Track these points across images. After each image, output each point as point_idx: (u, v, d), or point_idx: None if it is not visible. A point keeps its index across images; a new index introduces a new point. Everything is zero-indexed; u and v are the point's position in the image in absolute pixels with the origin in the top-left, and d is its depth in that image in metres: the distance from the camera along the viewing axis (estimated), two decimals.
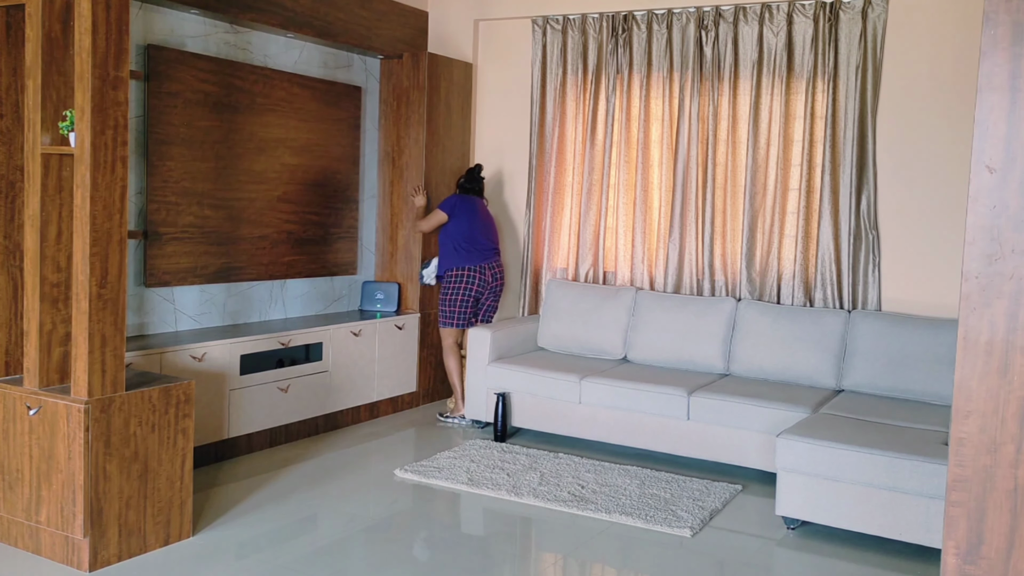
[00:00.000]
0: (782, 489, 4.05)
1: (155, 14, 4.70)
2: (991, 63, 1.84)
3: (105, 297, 3.42)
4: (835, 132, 5.26)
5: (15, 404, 3.55)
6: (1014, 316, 1.84)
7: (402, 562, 3.66)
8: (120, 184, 3.44)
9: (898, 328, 4.87)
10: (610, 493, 4.45)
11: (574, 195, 6.10)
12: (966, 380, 1.89)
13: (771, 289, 5.47)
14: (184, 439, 3.72)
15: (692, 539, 3.99)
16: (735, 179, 5.59)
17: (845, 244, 5.24)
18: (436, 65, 6.06)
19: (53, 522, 3.46)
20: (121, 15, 3.39)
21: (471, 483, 4.54)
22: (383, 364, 5.75)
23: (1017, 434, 1.85)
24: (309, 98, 5.60)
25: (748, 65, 5.50)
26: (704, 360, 5.33)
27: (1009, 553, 1.86)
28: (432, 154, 6.08)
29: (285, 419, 5.10)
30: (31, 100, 3.52)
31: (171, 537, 3.70)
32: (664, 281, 5.77)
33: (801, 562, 3.85)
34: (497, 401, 5.34)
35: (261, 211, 5.31)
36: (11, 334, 4.11)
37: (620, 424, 5.06)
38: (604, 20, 5.92)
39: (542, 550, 4.02)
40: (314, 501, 4.30)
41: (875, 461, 3.82)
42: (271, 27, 5.19)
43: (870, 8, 5.17)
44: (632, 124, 5.88)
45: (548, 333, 5.82)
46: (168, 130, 4.74)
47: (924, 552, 3.89)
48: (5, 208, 4.10)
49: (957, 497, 1.90)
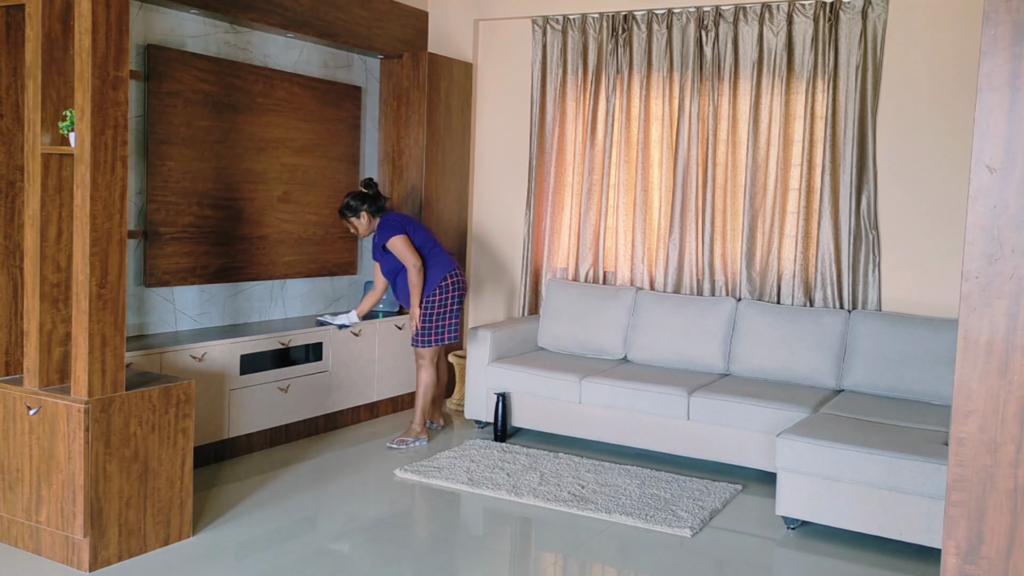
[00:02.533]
0: (782, 489, 4.05)
1: (155, 14, 4.70)
2: (991, 63, 1.84)
3: (105, 297, 3.42)
4: (835, 132, 5.26)
5: (15, 404, 3.55)
6: (1014, 316, 1.84)
7: (402, 562, 3.66)
8: (120, 184, 3.44)
9: (898, 328, 4.87)
10: (610, 493, 4.45)
11: (574, 195, 6.10)
12: (966, 380, 1.89)
13: (771, 289, 5.47)
14: (184, 439, 3.72)
15: (692, 539, 3.99)
16: (735, 179, 5.59)
17: (845, 244, 5.24)
18: (436, 65, 6.06)
19: (53, 522, 3.46)
20: (121, 15, 3.39)
21: (471, 483, 4.54)
22: (383, 364, 5.75)
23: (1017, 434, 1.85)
24: (309, 98, 5.60)
25: (748, 65, 5.50)
26: (704, 360, 5.33)
27: (1009, 553, 1.86)
28: (432, 154, 6.08)
29: (285, 419, 5.10)
30: (31, 100, 3.52)
31: (171, 537, 3.70)
32: (664, 281, 5.76)
33: (801, 562, 3.85)
34: (497, 401, 5.34)
35: (261, 211, 5.31)
36: (11, 334, 4.11)
37: (620, 424, 5.06)
38: (604, 20, 5.92)
39: (542, 550, 4.02)
40: (314, 501, 4.30)
41: (875, 461, 3.82)
42: (271, 27, 5.19)
43: (870, 8, 5.17)
44: (632, 124, 5.88)
45: (548, 333, 5.82)
46: (168, 130, 4.74)
47: (924, 552, 3.89)
48: (5, 208, 4.10)
49: (957, 497, 1.90)
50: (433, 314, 5.19)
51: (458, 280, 5.27)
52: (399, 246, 5.08)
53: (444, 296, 5.20)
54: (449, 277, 5.21)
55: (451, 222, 6.30)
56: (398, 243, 5.08)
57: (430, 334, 5.21)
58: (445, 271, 5.21)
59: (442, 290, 5.19)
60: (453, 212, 6.31)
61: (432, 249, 5.24)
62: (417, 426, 5.26)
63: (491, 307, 6.48)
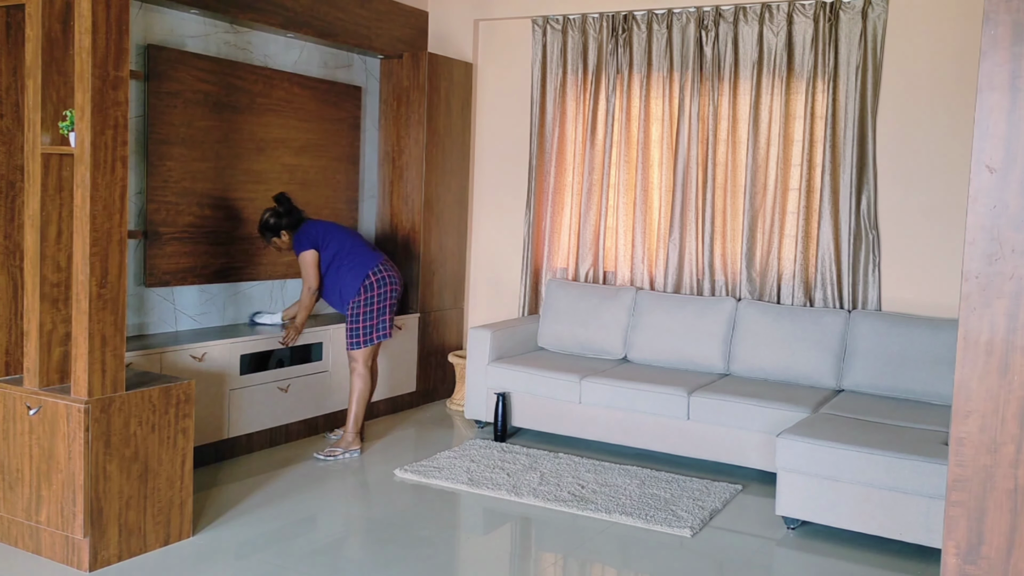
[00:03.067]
0: (782, 489, 4.05)
1: (155, 14, 4.70)
2: (991, 63, 1.84)
3: (105, 297, 3.42)
4: (835, 132, 5.26)
5: (15, 404, 3.55)
6: (1014, 316, 1.84)
7: (402, 562, 3.66)
8: (120, 184, 3.44)
9: (898, 328, 4.87)
10: (610, 493, 4.45)
11: (574, 195, 6.10)
12: (966, 380, 1.89)
13: (771, 289, 5.47)
14: (184, 439, 3.72)
15: (692, 539, 3.99)
16: (735, 179, 5.59)
17: (845, 244, 5.24)
18: (436, 65, 6.06)
19: (53, 522, 3.46)
20: (121, 15, 3.39)
21: (471, 483, 4.54)
22: (383, 364, 5.74)
23: (1017, 434, 1.85)
24: (309, 98, 5.60)
25: (748, 65, 5.50)
26: (704, 360, 5.33)
27: (1009, 553, 1.86)
28: (432, 154, 6.08)
29: (285, 419, 5.10)
30: (31, 100, 3.52)
31: (171, 537, 3.70)
32: (664, 281, 5.77)
33: (801, 562, 3.85)
34: (497, 401, 5.34)
35: (261, 211, 5.31)
36: (11, 334, 4.11)
37: (620, 424, 5.06)
38: (604, 20, 5.92)
39: (542, 550, 4.02)
40: (314, 501, 4.30)
41: (875, 461, 3.82)
42: (271, 27, 5.19)
43: (870, 8, 5.17)
44: (632, 124, 5.88)
45: (548, 333, 5.82)
46: (168, 130, 4.74)
47: (924, 552, 3.89)
48: (5, 208, 4.10)
49: (957, 497, 1.90)
50: (361, 313, 4.95)
51: (384, 276, 4.99)
52: (305, 262, 4.94)
53: (370, 294, 4.95)
54: (372, 275, 4.95)
55: (451, 222, 6.30)
56: (307, 258, 4.93)
57: (359, 335, 4.96)
58: (367, 269, 4.96)
59: (366, 288, 4.95)
60: (453, 212, 6.31)
61: (352, 250, 4.99)
62: (350, 436, 4.99)
63: (491, 307, 6.48)
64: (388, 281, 5.02)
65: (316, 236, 4.97)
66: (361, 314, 4.95)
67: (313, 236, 4.96)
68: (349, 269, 4.97)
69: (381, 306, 4.99)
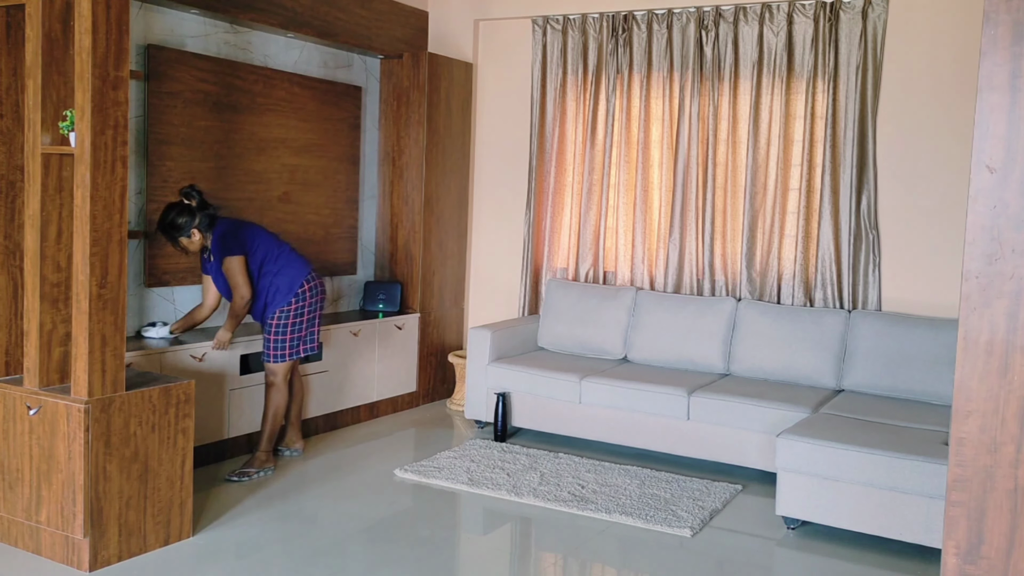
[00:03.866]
0: (782, 489, 4.05)
1: (155, 14, 4.70)
2: (991, 63, 1.84)
3: (105, 297, 3.42)
4: (835, 132, 5.26)
5: (15, 404, 3.55)
6: (1014, 316, 1.84)
7: (402, 562, 3.66)
8: (120, 184, 3.44)
9: (898, 328, 4.87)
10: (610, 493, 4.45)
11: (574, 195, 6.10)
12: (966, 380, 1.89)
13: (771, 289, 5.47)
14: (184, 439, 3.72)
15: (692, 539, 3.99)
16: (735, 179, 5.59)
17: (845, 244, 5.24)
18: (436, 65, 6.06)
19: (53, 522, 3.46)
20: (121, 15, 3.39)
21: (471, 483, 4.54)
22: (383, 364, 5.75)
23: (1017, 434, 1.85)
24: (309, 98, 5.60)
25: (748, 65, 5.50)
26: (704, 360, 5.33)
27: (1009, 553, 1.86)
28: (432, 154, 6.08)
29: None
30: (31, 100, 3.52)
31: (171, 537, 3.70)
32: (664, 281, 5.77)
33: (801, 562, 3.85)
34: (497, 401, 5.34)
35: (261, 211, 5.31)
36: (11, 334, 4.11)
37: (620, 424, 5.06)
38: (604, 20, 5.92)
39: (542, 550, 4.02)
40: (314, 501, 4.30)
41: (875, 461, 3.82)
42: (271, 27, 5.19)
43: (870, 8, 5.16)
44: (632, 124, 5.88)
45: (548, 333, 5.82)
46: (168, 130, 4.74)
47: (924, 552, 3.89)
48: (5, 208, 4.10)
49: (957, 497, 1.90)
50: (289, 324, 4.56)
51: (316, 284, 4.67)
52: (235, 268, 4.41)
53: (301, 304, 4.58)
54: (306, 283, 4.60)
55: (451, 222, 6.30)
56: (235, 265, 4.41)
57: (284, 347, 4.58)
58: (301, 277, 4.60)
59: (299, 298, 4.57)
60: (453, 212, 6.31)
61: (280, 256, 4.59)
62: (263, 454, 4.60)
63: (491, 307, 6.48)
64: (319, 290, 4.71)
65: (244, 241, 4.48)
66: (290, 325, 4.57)
67: (241, 240, 4.47)
68: (281, 277, 4.57)
69: (311, 316, 4.66)
